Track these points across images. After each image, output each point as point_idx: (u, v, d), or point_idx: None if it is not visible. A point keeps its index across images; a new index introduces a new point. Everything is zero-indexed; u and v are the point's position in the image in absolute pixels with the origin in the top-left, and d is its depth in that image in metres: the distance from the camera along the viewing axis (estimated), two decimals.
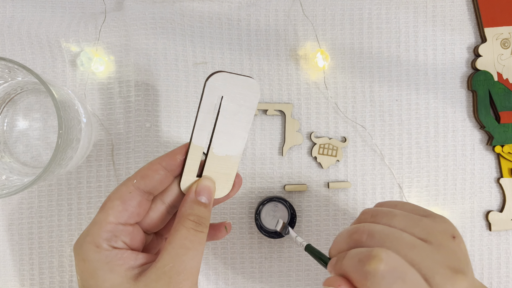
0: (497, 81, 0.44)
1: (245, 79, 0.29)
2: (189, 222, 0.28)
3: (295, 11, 0.44)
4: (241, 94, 0.29)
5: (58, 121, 0.31)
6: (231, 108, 0.29)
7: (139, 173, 0.29)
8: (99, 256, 0.27)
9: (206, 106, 0.29)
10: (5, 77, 0.37)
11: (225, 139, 0.30)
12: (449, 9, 0.45)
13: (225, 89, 0.29)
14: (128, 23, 0.43)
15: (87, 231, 0.28)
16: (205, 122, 0.29)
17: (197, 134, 0.30)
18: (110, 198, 0.29)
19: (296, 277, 0.43)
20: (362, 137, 0.44)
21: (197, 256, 0.28)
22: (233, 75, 0.29)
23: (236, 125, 0.30)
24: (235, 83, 0.29)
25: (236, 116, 0.30)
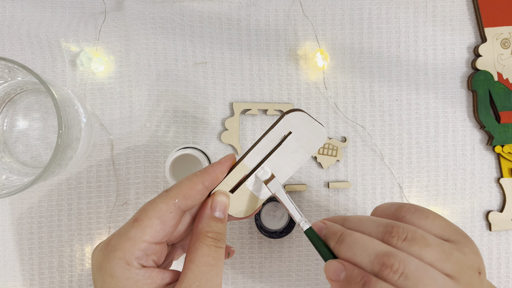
0: (497, 81, 0.44)
1: (319, 126, 0.30)
2: (209, 239, 0.28)
3: (295, 11, 0.44)
4: (308, 137, 0.30)
5: (58, 121, 0.31)
6: (293, 145, 0.30)
7: (180, 192, 0.28)
8: (129, 274, 0.26)
9: (274, 135, 0.30)
10: (5, 77, 0.37)
11: (271, 170, 0.30)
12: (449, 9, 0.45)
13: (298, 128, 0.30)
14: (128, 23, 0.43)
15: (117, 245, 0.27)
16: (264, 149, 0.30)
17: (252, 156, 0.30)
18: (148, 216, 0.27)
19: (296, 277, 0.43)
20: (362, 137, 0.44)
21: (220, 272, 0.27)
22: (311, 119, 0.30)
23: (289, 162, 0.30)
24: (308, 126, 0.30)
25: (293, 154, 0.30)
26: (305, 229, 0.29)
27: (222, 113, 0.44)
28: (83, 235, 0.42)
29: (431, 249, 0.26)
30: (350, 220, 0.30)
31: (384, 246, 0.26)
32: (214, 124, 0.43)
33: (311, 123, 0.30)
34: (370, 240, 0.27)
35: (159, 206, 0.27)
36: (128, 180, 0.43)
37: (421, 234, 0.27)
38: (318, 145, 0.30)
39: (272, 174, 0.30)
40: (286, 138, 0.30)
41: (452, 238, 0.28)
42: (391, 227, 0.27)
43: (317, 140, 0.30)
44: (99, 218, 0.42)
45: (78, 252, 0.42)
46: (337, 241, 0.28)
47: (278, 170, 0.30)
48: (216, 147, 0.43)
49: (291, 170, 0.31)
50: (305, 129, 0.30)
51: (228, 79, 0.44)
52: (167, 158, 0.39)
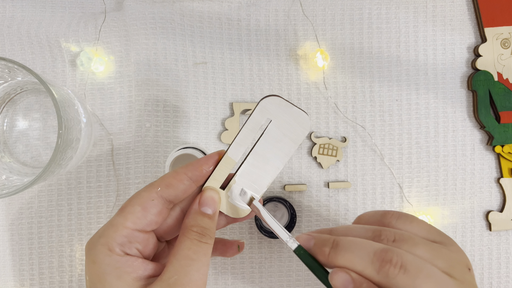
0: (497, 81, 0.44)
1: (299, 112, 0.29)
2: (193, 233, 0.28)
3: (295, 11, 0.44)
4: (290, 124, 0.29)
5: (58, 121, 0.31)
6: (276, 134, 0.29)
7: (163, 181, 0.29)
8: (110, 260, 0.27)
9: (252, 123, 0.29)
10: (5, 77, 0.37)
11: (259, 162, 0.30)
12: (449, 9, 0.45)
13: (276, 114, 0.29)
14: (128, 23, 0.43)
15: (101, 232, 0.28)
16: (246, 139, 0.29)
17: (234, 147, 0.29)
18: (131, 203, 0.28)
19: (296, 277, 0.43)
20: (362, 137, 0.44)
21: (202, 268, 0.27)
22: (289, 104, 0.28)
23: (275, 152, 0.29)
24: (287, 112, 0.29)
25: (277, 144, 0.29)
26: (293, 248, 0.28)
27: (222, 113, 0.44)
28: (83, 235, 0.42)
29: (421, 247, 0.27)
30: (337, 230, 0.30)
31: (380, 245, 0.27)
32: (214, 124, 0.43)
33: (289, 109, 0.28)
34: (364, 240, 0.27)
35: (141, 194, 0.28)
36: (128, 180, 0.43)
37: (409, 235, 0.28)
38: (302, 133, 0.29)
39: (252, 197, 0.30)
40: (268, 127, 0.29)
41: (437, 239, 0.29)
42: (379, 231, 0.28)
43: (300, 127, 0.29)
44: (99, 218, 0.42)
45: (78, 252, 0.42)
46: (331, 247, 0.28)
47: (266, 162, 0.29)
48: (216, 147, 0.43)
49: (280, 162, 0.30)
50: (285, 115, 0.29)
51: (228, 79, 0.44)
52: (167, 158, 0.39)
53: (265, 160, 0.29)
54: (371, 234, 0.28)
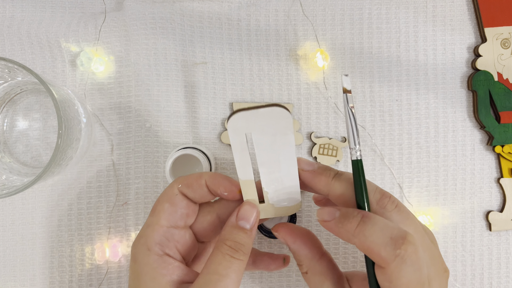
0: (497, 81, 0.44)
1: (268, 110, 0.25)
2: (226, 248, 0.27)
3: (295, 11, 0.44)
4: (269, 125, 0.26)
5: (58, 121, 0.31)
6: (264, 140, 0.27)
7: (186, 180, 0.29)
8: (148, 260, 0.27)
9: (237, 146, 0.27)
10: (5, 77, 0.37)
11: (272, 167, 0.28)
12: (449, 9, 0.45)
13: (250, 127, 0.26)
14: (128, 23, 0.43)
15: (141, 233, 0.28)
16: (244, 159, 0.28)
17: (241, 170, 0.28)
18: (160, 201, 0.29)
19: (296, 277, 0.43)
20: (362, 137, 0.44)
21: (230, 285, 0.26)
22: (252, 111, 0.25)
23: (278, 152, 0.28)
24: (258, 118, 0.26)
25: (274, 146, 0.27)
26: (353, 158, 0.30)
27: (222, 113, 0.44)
28: (83, 235, 0.42)
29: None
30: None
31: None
32: (214, 124, 0.43)
33: (257, 114, 0.25)
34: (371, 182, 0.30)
35: (166, 191, 0.29)
36: (128, 180, 0.43)
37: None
38: (286, 124, 0.26)
39: (349, 90, 0.29)
40: (253, 139, 0.27)
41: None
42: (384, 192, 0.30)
43: (280, 120, 0.26)
44: (99, 218, 0.42)
45: (78, 252, 0.42)
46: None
47: (277, 163, 0.28)
48: (216, 147, 0.43)
49: (290, 156, 0.28)
50: (258, 121, 0.26)
51: (228, 79, 0.44)
52: (167, 158, 0.39)
53: (276, 162, 0.28)
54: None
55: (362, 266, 0.43)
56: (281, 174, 0.29)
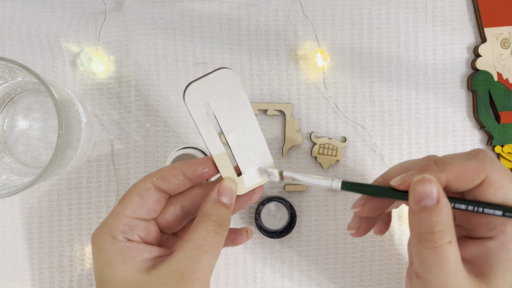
0: (497, 81, 0.44)
1: (215, 74, 0.28)
2: (211, 223, 0.28)
3: (295, 11, 0.44)
4: (220, 88, 0.28)
5: (58, 121, 0.31)
6: (223, 105, 0.29)
7: (159, 173, 0.29)
8: (114, 247, 0.27)
9: (199, 119, 0.29)
10: (5, 77, 0.37)
11: (239, 135, 0.30)
12: (449, 9, 0.45)
13: (205, 95, 0.28)
14: (128, 23, 0.43)
15: (104, 223, 0.29)
16: (210, 132, 0.29)
17: (210, 145, 0.29)
18: (129, 193, 0.29)
19: (298, 278, 0.43)
20: (362, 137, 0.44)
21: (212, 259, 0.27)
22: (202, 79, 0.28)
23: (239, 118, 0.29)
24: (209, 85, 0.28)
25: (232, 110, 0.29)
26: (339, 187, 0.29)
27: None
28: (83, 235, 0.42)
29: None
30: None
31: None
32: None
33: (207, 81, 0.28)
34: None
35: (138, 184, 0.29)
36: (128, 180, 0.43)
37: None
38: (234, 82, 0.28)
39: (280, 172, 0.30)
40: (212, 108, 0.29)
41: None
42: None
43: (227, 82, 0.28)
44: (99, 218, 0.42)
45: (78, 252, 0.42)
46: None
47: (243, 130, 0.29)
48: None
49: (251, 119, 0.29)
50: (209, 88, 0.28)
51: None
52: (167, 158, 0.39)
53: (242, 130, 0.30)
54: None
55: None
56: (248, 138, 0.30)
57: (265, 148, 0.31)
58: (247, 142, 0.30)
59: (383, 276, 0.43)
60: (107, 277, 0.27)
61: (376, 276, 0.43)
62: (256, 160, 0.30)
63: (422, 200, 0.26)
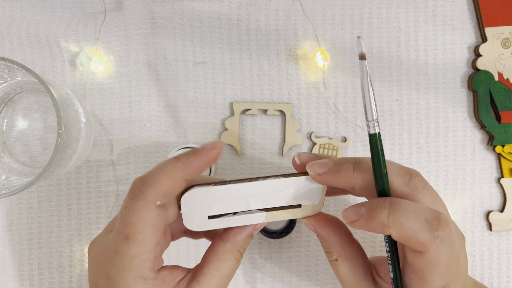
0: (497, 81, 0.44)
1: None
2: (239, 255, 0.29)
3: (295, 10, 0.44)
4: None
5: (58, 121, 0.31)
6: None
7: (160, 192, 0.26)
8: (147, 286, 0.26)
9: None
10: (5, 77, 0.37)
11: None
12: (449, 9, 0.45)
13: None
14: (127, 23, 0.42)
15: (125, 266, 0.25)
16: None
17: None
18: (138, 230, 0.25)
19: (296, 277, 0.43)
20: (362, 137, 0.44)
21: (229, 283, 0.29)
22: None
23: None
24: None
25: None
26: (372, 132, 0.27)
27: (222, 113, 0.44)
28: (82, 235, 0.42)
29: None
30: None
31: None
32: (214, 124, 0.43)
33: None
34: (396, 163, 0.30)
35: (142, 215, 0.25)
36: (128, 180, 0.42)
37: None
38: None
39: (365, 55, 0.27)
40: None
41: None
42: (411, 170, 0.29)
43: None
44: (99, 218, 0.42)
45: (78, 253, 0.42)
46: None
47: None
48: None
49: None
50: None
51: (228, 79, 0.44)
52: (167, 158, 0.39)
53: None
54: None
55: None
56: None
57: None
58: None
59: None
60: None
61: None
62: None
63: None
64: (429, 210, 0.26)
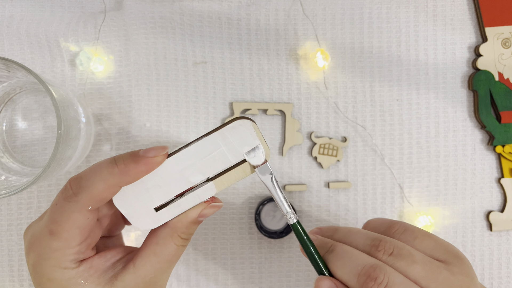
0: (498, 81, 0.44)
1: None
2: (181, 240, 0.27)
3: (295, 10, 0.44)
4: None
5: (57, 121, 0.31)
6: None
7: (93, 198, 0.25)
8: (69, 274, 0.26)
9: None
10: (4, 77, 0.37)
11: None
12: (449, 9, 0.45)
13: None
14: (127, 23, 0.42)
15: (46, 255, 0.25)
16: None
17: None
18: (65, 229, 0.25)
19: (296, 277, 0.43)
20: (363, 137, 0.44)
21: (173, 269, 0.28)
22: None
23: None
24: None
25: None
26: (291, 222, 0.28)
27: (222, 113, 0.43)
28: None
29: (418, 266, 0.26)
30: (341, 231, 0.31)
31: (371, 259, 0.26)
32: (214, 124, 0.43)
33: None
34: (358, 252, 0.27)
35: (71, 216, 0.25)
36: None
37: (408, 250, 0.27)
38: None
39: (265, 159, 0.26)
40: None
41: (442, 257, 0.28)
42: (379, 241, 0.28)
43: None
44: None
45: None
46: (327, 251, 0.29)
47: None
48: None
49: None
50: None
51: (228, 79, 0.44)
52: None
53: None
54: (370, 242, 0.28)
55: None
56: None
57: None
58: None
59: None
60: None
61: None
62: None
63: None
64: (363, 267, 0.26)
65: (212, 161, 0.26)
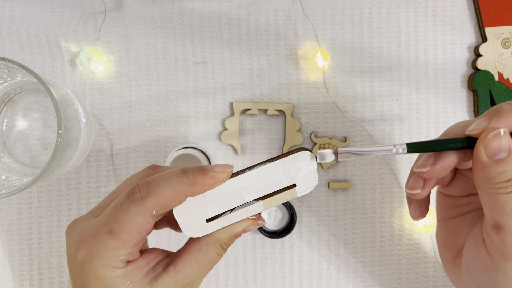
0: (497, 81, 0.44)
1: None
2: (221, 250, 0.28)
3: (295, 10, 0.44)
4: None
5: (58, 121, 0.31)
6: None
7: (159, 203, 0.26)
8: (117, 273, 0.26)
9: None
10: (5, 77, 0.37)
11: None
12: (449, 9, 0.45)
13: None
14: (127, 23, 0.42)
15: (98, 253, 0.26)
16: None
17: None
18: (125, 230, 0.26)
19: (298, 278, 0.43)
20: (362, 137, 0.44)
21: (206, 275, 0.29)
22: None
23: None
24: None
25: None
26: (406, 151, 0.27)
27: (222, 113, 0.44)
28: None
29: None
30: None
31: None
32: (214, 124, 0.43)
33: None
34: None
35: (135, 219, 0.26)
36: None
37: None
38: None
39: (334, 151, 0.28)
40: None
41: None
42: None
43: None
44: None
45: None
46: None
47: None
48: (216, 147, 0.43)
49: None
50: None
51: (228, 79, 0.44)
52: (167, 158, 0.39)
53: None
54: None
55: None
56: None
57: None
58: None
59: (383, 276, 0.43)
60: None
61: (376, 276, 0.43)
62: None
63: (496, 154, 0.26)
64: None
65: (268, 184, 0.28)
